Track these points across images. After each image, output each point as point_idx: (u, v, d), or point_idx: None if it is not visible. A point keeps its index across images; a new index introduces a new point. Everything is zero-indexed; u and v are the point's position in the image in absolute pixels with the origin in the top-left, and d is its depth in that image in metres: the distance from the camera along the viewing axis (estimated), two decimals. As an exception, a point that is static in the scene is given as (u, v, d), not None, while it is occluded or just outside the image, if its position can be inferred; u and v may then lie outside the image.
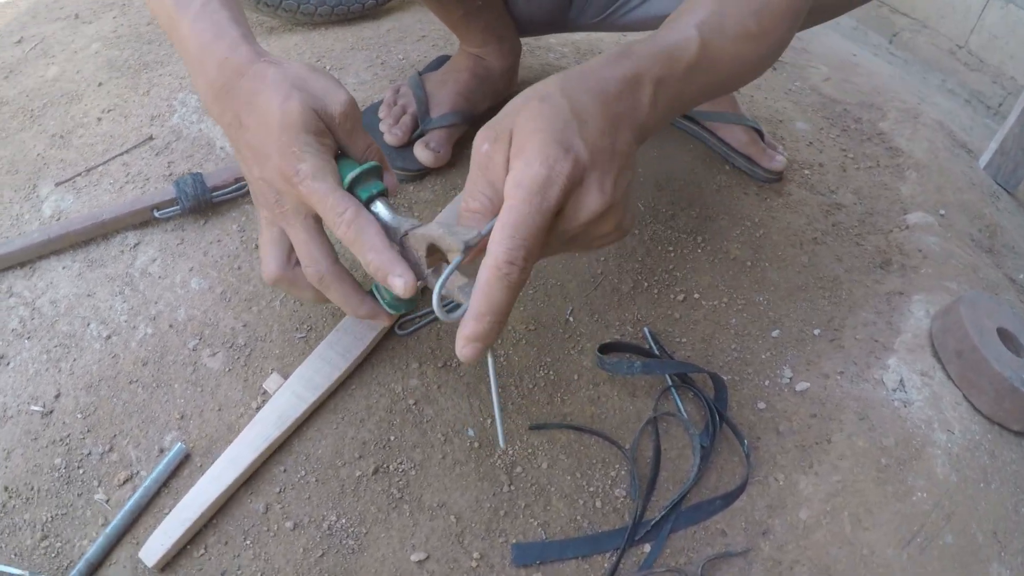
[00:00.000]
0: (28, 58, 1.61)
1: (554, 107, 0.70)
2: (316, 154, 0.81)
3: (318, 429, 1.03)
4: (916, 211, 1.49)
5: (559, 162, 0.67)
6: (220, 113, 0.86)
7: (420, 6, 1.82)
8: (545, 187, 0.67)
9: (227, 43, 0.84)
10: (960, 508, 1.03)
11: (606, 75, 0.75)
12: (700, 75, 0.84)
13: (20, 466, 0.99)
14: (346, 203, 0.80)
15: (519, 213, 0.66)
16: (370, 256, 0.79)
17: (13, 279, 1.17)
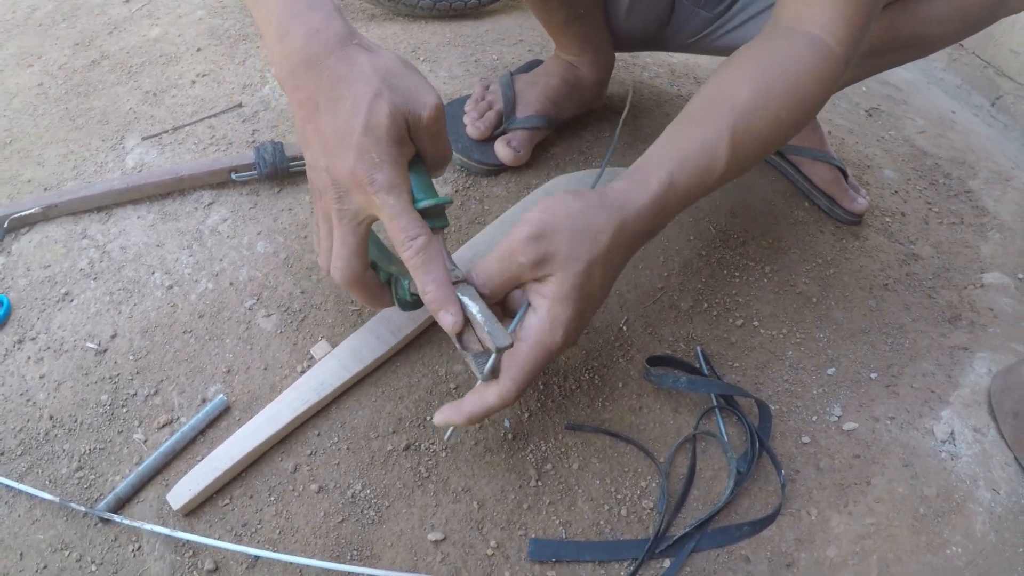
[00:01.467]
0: (134, 17, 1.66)
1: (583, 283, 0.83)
2: (394, 165, 0.79)
3: (357, 399, 1.04)
4: (994, 271, 1.45)
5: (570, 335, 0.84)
6: (295, 88, 0.80)
7: (521, 10, 1.84)
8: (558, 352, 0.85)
9: (322, 14, 0.79)
10: (995, 569, 1.00)
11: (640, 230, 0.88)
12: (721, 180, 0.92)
13: (68, 398, 1.01)
14: (419, 228, 0.80)
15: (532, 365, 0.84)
16: (431, 288, 0.82)
17: (89, 222, 1.21)
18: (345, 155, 0.78)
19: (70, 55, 1.56)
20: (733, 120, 0.88)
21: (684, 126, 0.91)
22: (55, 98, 1.45)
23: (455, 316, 0.81)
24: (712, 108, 0.90)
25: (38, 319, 1.09)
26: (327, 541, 0.93)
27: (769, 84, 0.90)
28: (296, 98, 0.81)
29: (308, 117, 0.80)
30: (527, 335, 0.83)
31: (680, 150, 0.88)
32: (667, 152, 0.88)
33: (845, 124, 1.77)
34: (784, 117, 0.92)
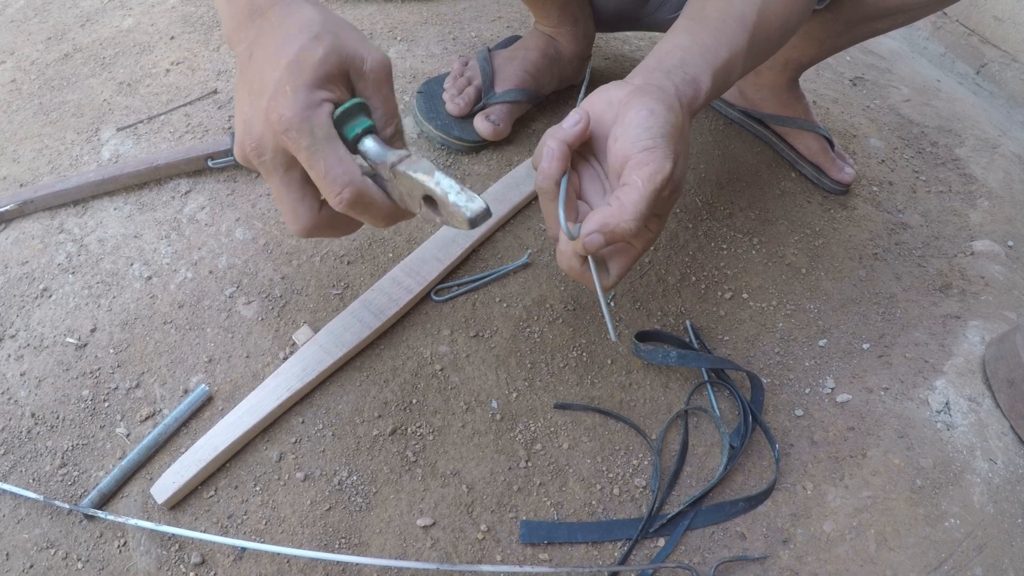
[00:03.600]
0: (106, 9, 1.64)
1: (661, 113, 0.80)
2: (309, 101, 0.71)
3: (341, 385, 1.03)
4: (984, 239, 1.44)
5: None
6: (237, 42, 0.77)
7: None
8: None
9: None
10: (994, 541, 0.99)
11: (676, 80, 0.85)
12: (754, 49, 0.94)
13: (49, 395, 1.00)
14: (346, 173, 0.72)
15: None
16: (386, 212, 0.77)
17: (65, 216, 1.19)
18: (262, 96, 0.72)
19: (43, 49, 1.54)
20: (748, 39, 0.92)
21: (713, 38, 0.91)
22: (28, 93, 1.43)
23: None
24: (732, 24, 0.92)
25: (17, 316, 1.07)
26: (314, 530, 0.91)
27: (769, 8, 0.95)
28: (237, 52, 0.77)
29: (242, 69, 0.76)
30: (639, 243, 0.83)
31: (716, 62, 0.89)
32: (708, 60, 0.89)
33: (830, 94, 1.76)
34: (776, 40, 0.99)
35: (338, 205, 0.73)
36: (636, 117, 0.79)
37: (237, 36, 0.77)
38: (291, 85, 0.70)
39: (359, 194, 0.73)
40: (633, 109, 0.80)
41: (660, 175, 0.76)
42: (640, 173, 0.77)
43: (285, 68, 0.71)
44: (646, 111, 0.79)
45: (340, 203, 0.73)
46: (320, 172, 0.72)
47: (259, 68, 0.73)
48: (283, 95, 0.70)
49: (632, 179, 0.77)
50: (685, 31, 0.92)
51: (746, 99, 1.49)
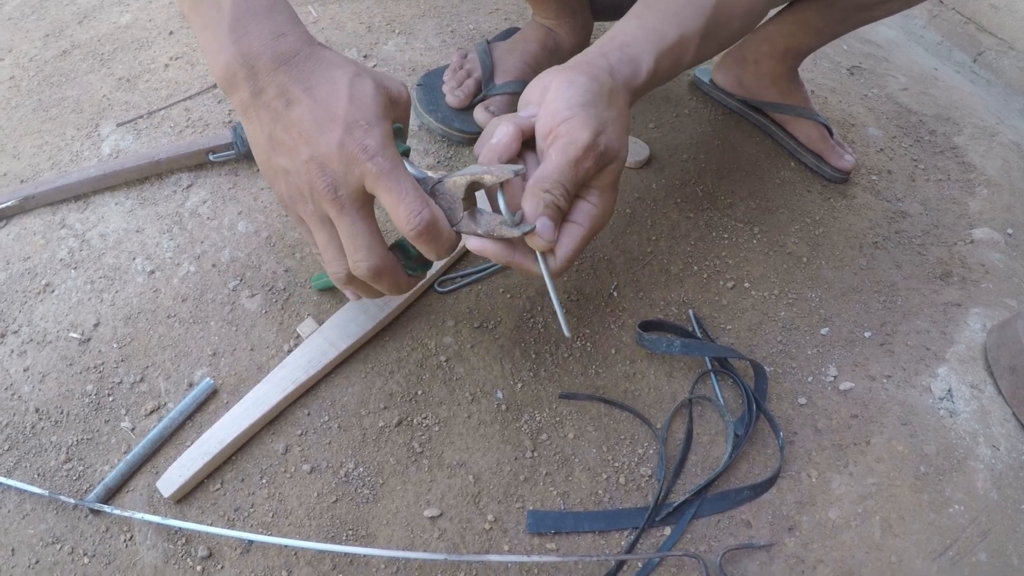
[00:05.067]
0: (103, 5, 1.64)
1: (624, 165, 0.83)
2: (384, 132, 0.75)
3: (346, 376, 1.03)
4: (983, 227, 1.44)
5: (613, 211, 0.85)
6: (257, 91, 0.76)
7: (496, -20, 1.82)
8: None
9: (285, 17, 0.77)
10: (998, 527, 0.99)
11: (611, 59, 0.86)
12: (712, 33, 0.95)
13: (53, 390, 1.00)
14: (421, 201, 0.74)
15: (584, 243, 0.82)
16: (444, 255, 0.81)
17: (67, 211, 1.19)
18: (332, 132, 0.73)
19: (41, 47, 1.54)
20: (704, 23, 0.92)
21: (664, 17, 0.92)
22: (27, 90, 1.43)
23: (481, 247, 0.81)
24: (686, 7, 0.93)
25: (20, 312, 1.07)
26: (321, 522, 0.91)
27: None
28: (261, 100, 0.76)
29: (277, 116, 0.76)
30: (583, 220, 0.81)
31: (662, 41, 0.90)
32: (652, 40, 0.89)
33: (827, 83, 1.76)
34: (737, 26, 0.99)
35: (412, 230, 0.75)
36: (555, 92, 0.79)
37: (256, 84, 0.76)
38: (364, 119, 0.74)
39: (434, 220, 0.75)
40: (553, 85, 0.80)
41: (574, 146, 0.76)
42: (556, 146, 0.77)
43: (347, 105, 0.74)
44: (565, 83, 0.79)
45: (416, 227, 0.74)
46: (398, 197, 0.74)
47: (311, 111, 0.74)
48: (360, 128, 0.73)
49: (549, 152, 0.78)
50: (635, 16, 0.93)
51: (745, 88, 1.49)
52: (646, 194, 1.32)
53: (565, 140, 0.77)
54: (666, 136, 1.45)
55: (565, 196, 0.78)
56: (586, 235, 0.81)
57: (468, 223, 0.79)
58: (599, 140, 0.78)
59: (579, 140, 0.76)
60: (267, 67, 0.75)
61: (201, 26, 0.77)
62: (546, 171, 0.77)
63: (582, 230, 0.80)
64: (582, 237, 0.80)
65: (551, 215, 0.77)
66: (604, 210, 0.83)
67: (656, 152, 1.40)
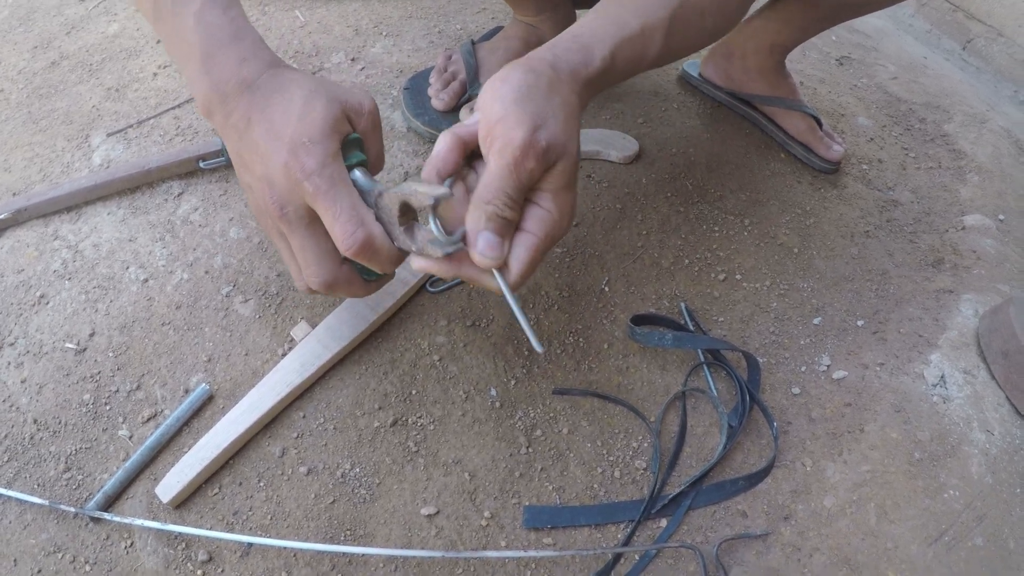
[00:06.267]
0: (91, 16, 1.64)
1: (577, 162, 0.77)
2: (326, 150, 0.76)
3: (341, 378, 1.04)
4: (974, 213, 1.44)
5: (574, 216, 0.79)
6: (227, 114, 0.79)
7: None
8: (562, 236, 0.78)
9: (248, 42, 0.81)
10: (993, 511, 1.00)
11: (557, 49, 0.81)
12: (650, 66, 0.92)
13: (50, 400, 1.00)
14: (354, 223, 0.75)
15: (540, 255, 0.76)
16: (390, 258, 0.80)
17: (59, 223, 1.19)
18: (279, 152, 0.75)
19: (29, 58, 1.54)
20: (670, 13, 0.88)
21: (625, 7, 0.88)
22: (16, 103, 1.43)
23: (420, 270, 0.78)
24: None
25: (15, 324, 1.08)
26: (319, 523, 0.92)
27: None
28: (229, 123, 0.80)
29: (241, 135, 0.79)
30: (536, 227, 0.75)
31: (621, 31, 0.85)
32: (609, 31, 0.85)
33: (816, 74, 1.76)
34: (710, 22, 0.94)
35: (348, 249, 0.76)
36: (488, 92, 0.75)
37: (226, 108, 0.79)
38: (308, 137, 0.75)
39: (368, 240, 0.76)
40: (488, 87, 0.75)
41: (510, 147, 0.70)
42: (492, 150, 0.72)
43: (296, 124, 0.76)
44: (498, 81, 0.75)
45: (350, 247, 0.75)
46: (335, 215, 0.75)
47: (266, 130, 0.77)
48: (303, 147, 0.75)
49: (488, 159, 0.73)
50: (596, 9, 0.89)
51: (733, 81, 1.49)
52: (636, 189, 1.33)
53: (501, 142, 0.71)
54: (655, 130, 1.45)
55: (509, 204, 0.72)
56: (540, 244, 0.75)
57: (405, 240, 0.77)
58: (538, 136, 0.71)
59: (514, 139, 0.70)
60: (234, 92, 0.78)
61: (182, 63, 0.82)
62: (486, 180, 0.72)
63: (534, 239, 0.74)
64: (535, 247, 0.74)
65: (496, 228, 0.72)
66: (560, 214, 0.76)
67: (645, 146, 1.41)
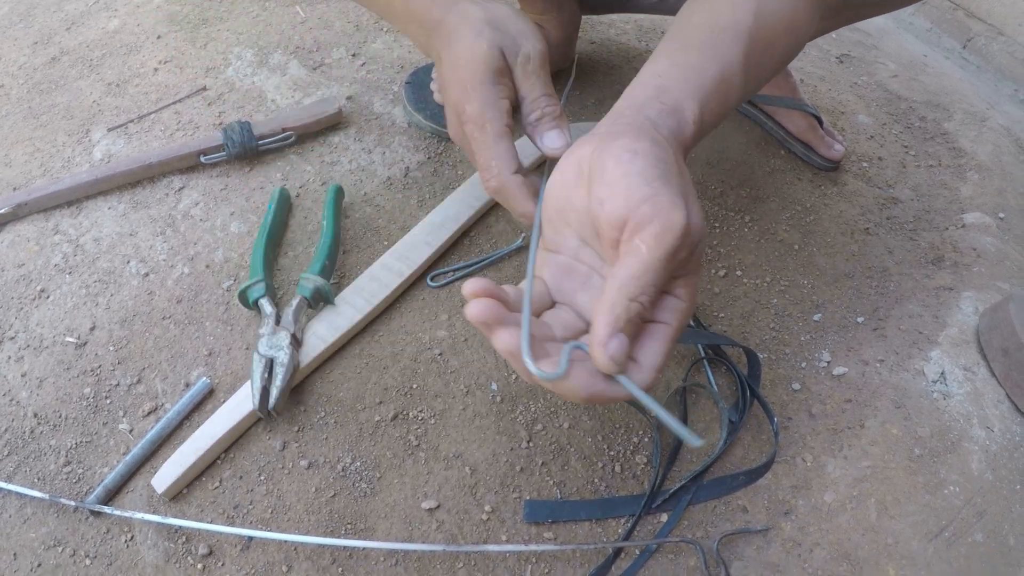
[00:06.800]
0: (91, 11, 1.65)
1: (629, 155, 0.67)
2: (484, 98, 0.84)
3: (342, 372, 1.04)
4: (974, 211, 1.45)
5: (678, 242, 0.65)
6: (428, 52, 0.95)
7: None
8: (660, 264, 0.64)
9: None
10: (993, 507, 1.00)
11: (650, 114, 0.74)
12: (731, 110, 0.85)
13: (51, 394, 1.00)
14: (495, 167, 0.84)
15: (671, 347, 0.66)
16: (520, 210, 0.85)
17: (60, 217, 1.20)
18: (453, 90, 0.87)
19: (29, 54, 1.54)
20: (744, 49, 0.80)
21: (699, 54, 0.80)
22: (17, 98, 1.43)
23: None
24: (721, 35, 0.81)
25: (15, 318, 1.08)
26: (320, 516, 0.92)
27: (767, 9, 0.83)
28: (433, 56, 0.94)
29: (438, 67, 0.91)
30: (671, 318, 0.65)
31: (703, 82, 0.77)
32: (692, 85, 0.77)
33: (817, 71, 1.76)
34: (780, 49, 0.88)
35: (486, 190, 0.87)
36: (618, 166, 0.64)
37: (427, 47, 0.94)
38: (470, 83, 0.84)
39: (500, 187, 0.85)
40: (611, 158, 0.65)
41: (671, 233, 0.60)
42: (644, 235, 0.61)
43: (463, 67, 0.85)
44: (628, 154, 0.65)
45: (487, 190, 0.87)
46: (478, 160, 0.86)
47: (447, 67, 0.88)
48: (464, 93, 0.85)
49: (634, 245, 0.62)
50: (663, 54, 0.81)
51: (733, 79, 1.49)
52: (637, 185, 1.33)
53: (658, 227, 0.60)
54: (656, 128, 1.45)
55: (654, 300, 0.63)
56: (674, 336, 0.65)
57: None
58: (693, 222, 0.62)
59: (676, 225, 0.60)
60: (432, 31, 0.91)
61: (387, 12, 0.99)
62: (634, 271, 0.61)
63: (670, 330, 0.65)
64: (671, 339, 0.65)
65: (634, 329, 0.63)
66: (691, 302, 0.67)
67: (646, 144, 1.40)
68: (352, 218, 1.23)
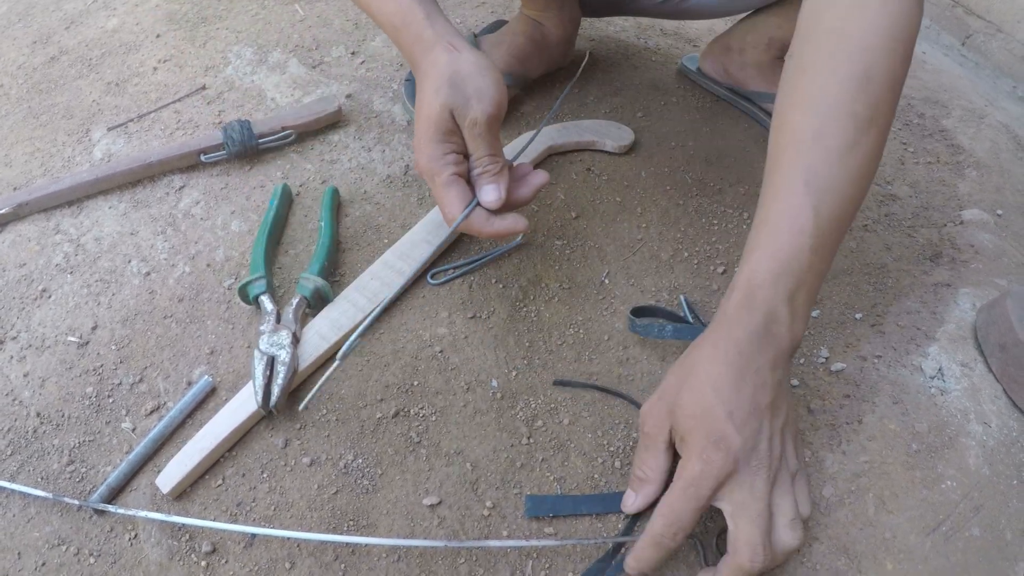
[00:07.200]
0: (90, 10, 1.65)
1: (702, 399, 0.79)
2: (433, 154, 0.94)
3: (343, 369, 1.04)
4: (972, 208, 1.45)
5: (714, 456, 0.77)
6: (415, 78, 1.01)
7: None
8: (699, 481, 0.77)
9: (415, 27, 0.97)
10: (990, 502, 1.00)
11: (738, 337, 0.80)
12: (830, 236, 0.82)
13: (53, 393, 1.01)
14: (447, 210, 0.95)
15: (675, 501, 0.79)
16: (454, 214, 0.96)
17: (60, 217, 1.20)
18: (416, 137, 0.95)
19: (28, 53, 1.55)
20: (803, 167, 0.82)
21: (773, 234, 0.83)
22: (16, 98, 1.44)
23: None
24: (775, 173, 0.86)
25: (17, 318, 1.08)
26: (323, 513, 0.92)
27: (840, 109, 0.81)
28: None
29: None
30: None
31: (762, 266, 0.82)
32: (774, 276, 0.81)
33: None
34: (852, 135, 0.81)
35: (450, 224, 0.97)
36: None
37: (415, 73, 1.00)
38: (423, 139, 0.94)
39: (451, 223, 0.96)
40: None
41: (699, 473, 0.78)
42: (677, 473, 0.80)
43: (422, 121, 0.94)
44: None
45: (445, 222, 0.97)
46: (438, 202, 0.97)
47: (415, 113, 0.97)
48: (417, 146, 0.95)
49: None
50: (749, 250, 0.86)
51: (731, 76, 1.50)
52: (635, 182, 1.33)
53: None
54: (654, 124, 1.46)
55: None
56: None
57: None
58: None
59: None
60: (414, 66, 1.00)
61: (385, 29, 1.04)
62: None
63: None
64: None
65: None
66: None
67: (645, 140, 1.41)
68: (352, 216, 1.23)
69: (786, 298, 0.80)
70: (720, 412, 0.77)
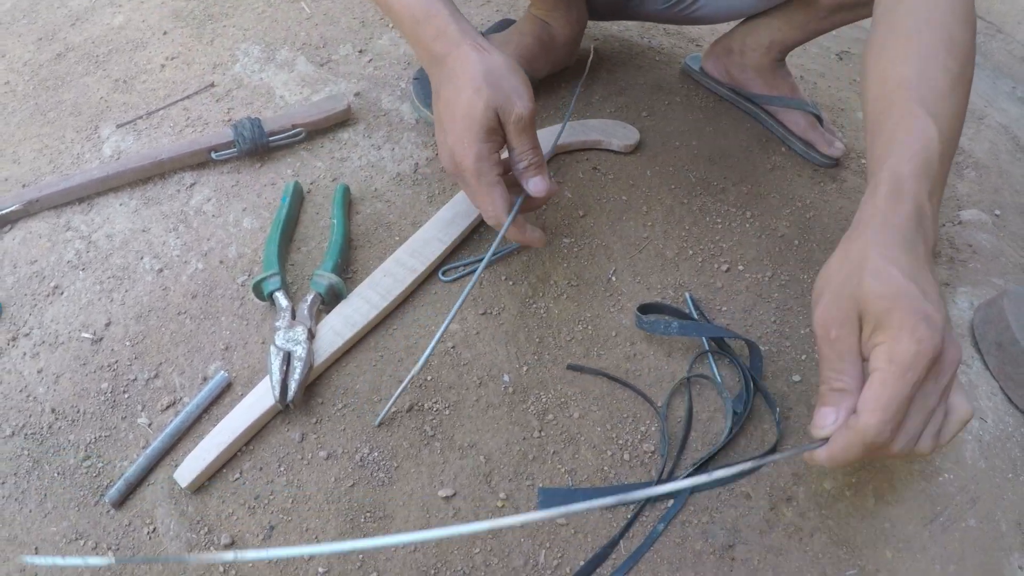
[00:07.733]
0: (96, 7, 1.65)
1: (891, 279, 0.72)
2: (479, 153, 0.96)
3: (357, 365, 1.06)
4: (971, 208, 1.47)
5: (925, 334, 0.69)
6: (430, 75, 1.03)
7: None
8: (915, 361, 0.69)
9: (439, 21, 0.99)
10: (986, 495, 1.03)
11: (898, 223, 0.76)
12: (948, 152, 0.84)
13: (68, 390, 1.02)
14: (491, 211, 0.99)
15: (894, 388, 0.70)
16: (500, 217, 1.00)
17: (71, 214, 1.21)
18: (449, 134, 0.97)
19: (34, 50, 1.55)
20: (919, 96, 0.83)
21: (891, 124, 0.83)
22: (23, 95, 1.44)
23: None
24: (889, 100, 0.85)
25: (30, 315, 1.09)
26: (340, 506, 0.94)
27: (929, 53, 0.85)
28: (432, 82, 1.03)
29: (436, 98, 1.01)
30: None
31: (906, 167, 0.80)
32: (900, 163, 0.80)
33: (816, 68, 1.79)
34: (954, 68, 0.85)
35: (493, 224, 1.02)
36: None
37: (430, 71, 1.02)
38: (467, 138, 0.95)
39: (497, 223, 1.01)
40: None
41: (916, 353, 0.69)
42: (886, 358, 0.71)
43: (460, 120, 0.95)
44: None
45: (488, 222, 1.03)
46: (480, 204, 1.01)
47: (443, 108, 0.98)
48: (461, 146, 0.96)
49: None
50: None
51: (732, 78, 1.51)
52: (641, 181, 1.35)
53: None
54: (659, 124, 1.47)
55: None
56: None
57: None
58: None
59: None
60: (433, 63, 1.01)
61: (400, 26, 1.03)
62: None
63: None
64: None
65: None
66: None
67: (650, 139, 1.43)
68: (363, 214, 1.25)
69: (927, 195, 0.78)
70: (915, 290, 0.72)
